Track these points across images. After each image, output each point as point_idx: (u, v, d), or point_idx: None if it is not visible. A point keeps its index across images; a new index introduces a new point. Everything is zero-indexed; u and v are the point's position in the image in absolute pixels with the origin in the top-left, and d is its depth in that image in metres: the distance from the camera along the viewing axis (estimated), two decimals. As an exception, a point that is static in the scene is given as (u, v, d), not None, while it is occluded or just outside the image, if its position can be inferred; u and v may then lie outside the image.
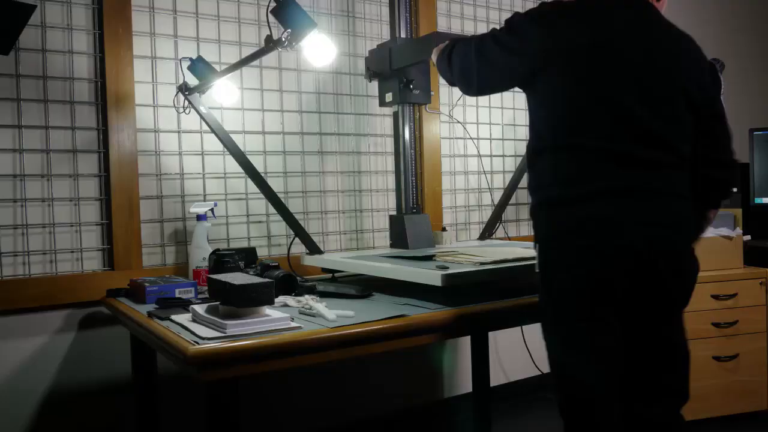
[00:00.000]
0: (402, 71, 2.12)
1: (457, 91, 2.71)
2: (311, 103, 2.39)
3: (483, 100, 2.82)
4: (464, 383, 2.76)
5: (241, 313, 1.32)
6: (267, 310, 1.37)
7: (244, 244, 2.24)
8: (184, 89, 1.89)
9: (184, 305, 1.62)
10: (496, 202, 2.78)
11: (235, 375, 1.24)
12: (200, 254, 1.94)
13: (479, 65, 1.44)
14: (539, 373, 2.89)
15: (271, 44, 1.35)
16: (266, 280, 1.35)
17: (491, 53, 1.41)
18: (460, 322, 1.47)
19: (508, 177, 2.86)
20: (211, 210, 2.00)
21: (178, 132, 2.13)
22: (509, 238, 2.67)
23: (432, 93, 2.26)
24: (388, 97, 2.21)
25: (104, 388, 2.01)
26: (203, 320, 1.37)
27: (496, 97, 2.85)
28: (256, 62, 2.24)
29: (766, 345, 2.61)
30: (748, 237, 2.81)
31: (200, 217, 1.98)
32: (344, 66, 2.46)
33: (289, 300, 1.57)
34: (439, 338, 1.55)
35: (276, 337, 1.27)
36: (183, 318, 1.45)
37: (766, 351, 2.61)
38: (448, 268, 1.60)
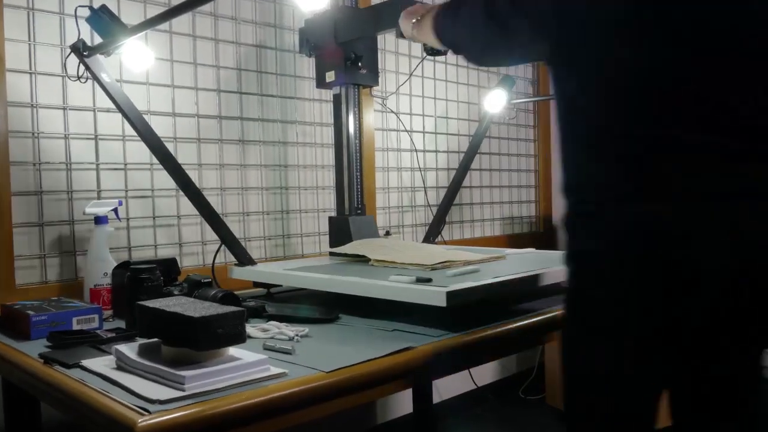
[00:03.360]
0: (349, 46, 1.78)
1: (391, 77, 2.43)
2: (231, 81, 1.97)
3: (417, 88, 2.53)
4: (400, 406, 2.45)
5: (199, 357, 0.93)
6: (231, 351, 0.98)
7: (150, 254, 1.78)
8: (81, 49, 1.42)
9: (91, 342, 1.18)
10: (431, 202, 2.52)
11: (202, 452, 0.84)
12: (101, 268, 1.48)
13: None
14: (474, 386, 2.66)
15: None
16: (234, 308, 0.96)
17: None
18: (480, 349, 1.16)
19: (442, 175, 2.61)
20: (115, 210, 1.54)
21: (64, 108, 1.64)
22: (445, 242, 2.40)
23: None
24: (329, 76, 1.85)
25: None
26: (139, 369, 0.95)
27: (429, 86, 2.58)
28: (164, 26, 1.81)
29: None
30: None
31: (100, 220, 1.51)
32: (269, 39, 2.07)
33: (252, 330, 1.18)
34: (455, 371, 1.23)
35: (259, 391, 0.89)
36: (100, 364, 1.02)
37: None
38: (431, 280, 1.30)
